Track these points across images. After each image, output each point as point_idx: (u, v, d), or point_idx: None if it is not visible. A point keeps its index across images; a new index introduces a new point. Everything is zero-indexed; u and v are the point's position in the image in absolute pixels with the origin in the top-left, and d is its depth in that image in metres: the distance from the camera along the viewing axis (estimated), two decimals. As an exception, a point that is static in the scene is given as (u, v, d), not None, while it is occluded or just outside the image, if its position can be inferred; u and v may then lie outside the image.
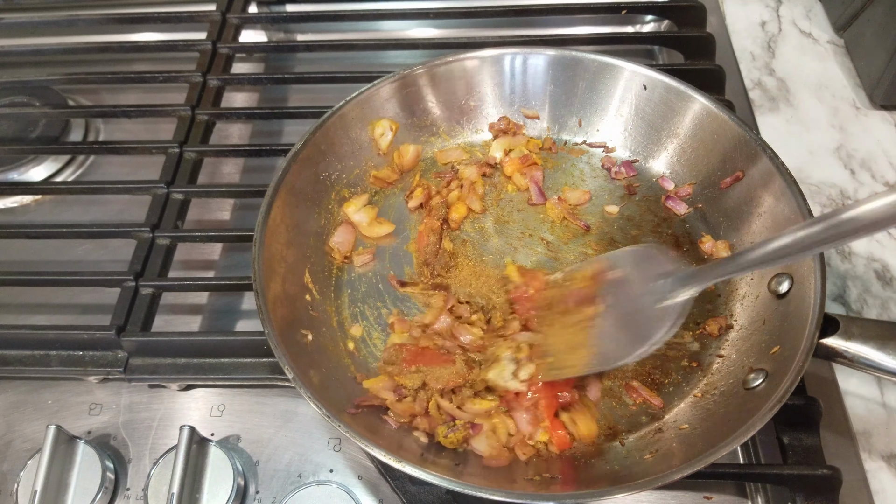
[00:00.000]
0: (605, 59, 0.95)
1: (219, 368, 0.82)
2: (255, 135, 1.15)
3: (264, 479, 0.78)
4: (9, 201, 1.07)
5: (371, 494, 0.77)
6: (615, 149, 0.99)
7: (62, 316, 0.93)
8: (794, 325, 0.73)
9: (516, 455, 0.73)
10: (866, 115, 1.10)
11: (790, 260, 0.66)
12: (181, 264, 0.95)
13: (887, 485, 0.76)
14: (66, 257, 0.99)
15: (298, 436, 0.81)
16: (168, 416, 0.83)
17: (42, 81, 1.16)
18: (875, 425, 0.80)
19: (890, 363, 0.68)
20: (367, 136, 0.96)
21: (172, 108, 1.05)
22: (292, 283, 0.83)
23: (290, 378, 0.69)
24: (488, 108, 1.01)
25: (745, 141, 0.86)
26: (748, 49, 1.20)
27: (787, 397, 0.66)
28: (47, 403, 0.84)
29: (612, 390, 0.79)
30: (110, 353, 0.83)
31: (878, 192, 0.64)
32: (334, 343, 0.83)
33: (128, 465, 0.79)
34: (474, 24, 1.26)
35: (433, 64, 0.96)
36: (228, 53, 1.15)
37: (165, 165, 0.98)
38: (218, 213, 1.04)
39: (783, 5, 1.26)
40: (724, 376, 0.77)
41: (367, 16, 1.20)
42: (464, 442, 0.74)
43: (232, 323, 0.93)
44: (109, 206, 1.04)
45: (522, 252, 0.91)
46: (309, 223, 0.89)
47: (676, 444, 0.72)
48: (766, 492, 0.76)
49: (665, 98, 0.93)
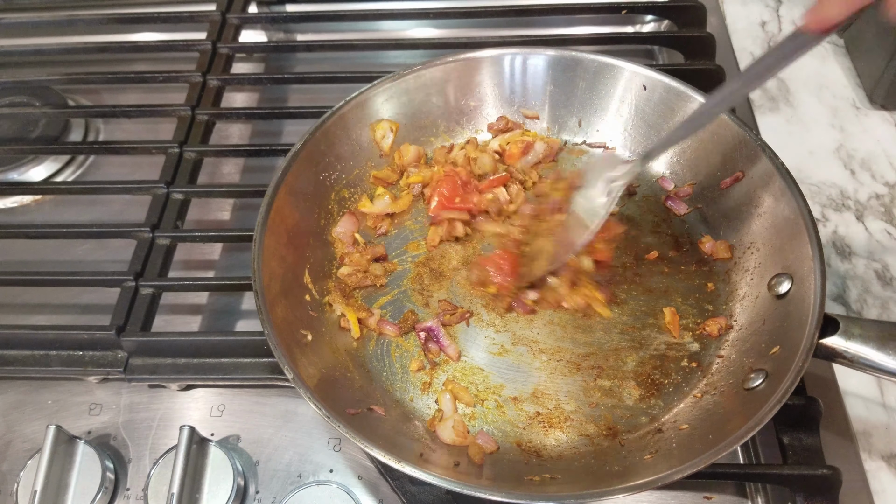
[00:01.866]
0: (604, 60, 0.95)
1: (219, 368, 0.82)
2: (255, 135, 1.15)
3: (264, 479, 0.78)
4: (9, 201, 1.07)
5: (371, 494, 0.77)
6: (615, 149, 0.99)
7: (62, 316, 0.93)
8: (793, 325, 0.73)
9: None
10: (866, 115, 1.10)
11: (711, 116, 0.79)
12: (181, 264, 0.95)
13: (887, 485, 0.76)
14: (66, 257, 0.99)
15: (298, 436, 0.81)
16: (168, 416, 0.83)
17: (42, 81, 1.16)
18: (875, 425, 0.80)
19: (890, 363, 0.68)
20: (367, 137, 0.96)
21: (172, 108, 1.05)
22: (292, 283, 0.83)
23: (290, 378, 0.69)
24: (488, 108, 1.01)
25: (745, 141, 0.86)
26: (748, 49, 1.20)
27: (786, 397, 0.66)
28: (47, 403, 0.84)
29: (611, 390, 0.79)
30: (110, 353, 0.83)
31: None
32: (334, 343, 0.83)
33: (128, 465, 0.79)
34: (474, 24, 1.26)
35: (433, 64, 0.96)
36: (228, 53, 1.15)
37: (165, 165, 0.98)
38: (218, 213, 1.04)
39: (783, 5, 1.26)
40: (724, 376, 0.78)
41: (367, 16, 1.20)
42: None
43: (232, 323, 0.93)
44: (109, 206, 1.04)
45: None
46: (309, 223, 0.89)
47: (676, 444, 0.72)
48: (766, 492, 0.76)
49: (665, 98, 0.93)
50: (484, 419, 0.78)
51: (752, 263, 0.84)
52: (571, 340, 0.84)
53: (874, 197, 1.00)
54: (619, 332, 0.84)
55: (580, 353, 0.83)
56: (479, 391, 0.80)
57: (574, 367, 0.81)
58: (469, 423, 0.78)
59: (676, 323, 0.83)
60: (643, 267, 0.89)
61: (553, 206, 0.88)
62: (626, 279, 0.88)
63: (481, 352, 0.83)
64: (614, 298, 0.86)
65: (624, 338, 0.83)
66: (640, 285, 0.87)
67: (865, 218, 0.98)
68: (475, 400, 0.79)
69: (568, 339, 0.84)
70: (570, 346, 0.83)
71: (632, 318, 0.85)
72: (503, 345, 0.84)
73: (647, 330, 0.84)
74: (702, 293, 0.86)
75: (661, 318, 0.84)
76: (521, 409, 0.79)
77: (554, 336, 0.84)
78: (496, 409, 0.79)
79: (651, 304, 0.86)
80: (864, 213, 0.99)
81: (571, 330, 0.85)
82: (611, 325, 0.85)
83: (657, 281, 0.87)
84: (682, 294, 0.86)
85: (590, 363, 0.82)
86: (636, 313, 0.85)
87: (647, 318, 0.85)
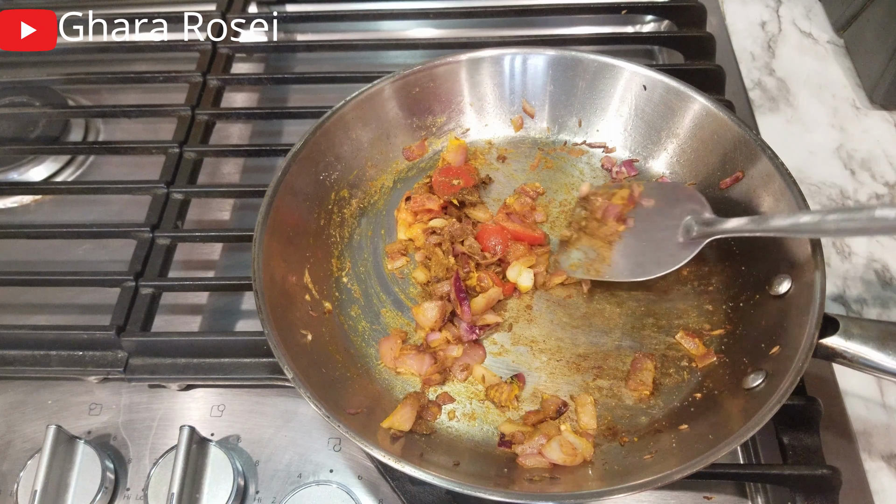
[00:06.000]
0: (604, 60, 0.95)
1: (219, 368, 0.82)
2: (255, 135, 1.15)
3: (264, 479, 0.78)
4: (9, 201, 1.07)
5: (371, 494, 0.77)
6: (615, 149, 0.99)
7: (62, 316, 0.93)
8: (793, 325, 0.73)
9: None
10: (866, 115, 1.10)
11: (809, 235, 0.74)
12: (181, 264, 0.95)
13: (887, 485, 0.76)
14: (66, 257, 0.99)
15: (298, 436, 0.81)
16: (168, 416, 0.83)
17: (42, 81, 1.16)
18: (875, 425, 0.80)
19: (890, 363, 0.68)
20: (367, 137, 0.95)
21: (172, 108, 1.05)
22: (292, 283, 0.83)
23: (290, 378, 0.69)
24: (488, 107, 1.01)
25: (745, 141, 0.86)
26: (748, 49, 1.20)
27: (786, 397, 0.66)
28: (47, 403, 0.84)
29: (611, 390, 0.79)
30: (110, 353, 0.83)
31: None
32: (334, 343, 0.83)
33: (128, 465, 0.79)
34: (474, 24, 1.26)
35: (433, 64, 0.96)
36: (228, 53, 1.15)
37: (165, 165, 0.98)
38: (218, 213, 1.04)
39: (783, 5, 1.26)
40: (724, 376, 0.77)
41: (367, 16, 1.20)
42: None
43: (232, 323, 0.93)
44: (109, 206, 1.04)
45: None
46: (309, 223, 0.89)
47: (676, 444, 0.72)
48: (766, 492, 0.76)
49: (665, 98, 0.93)
50: (484, 418, 0.78)
51: (752, 263, 0.84)
52: (571, 340, 0.84)
53: (874, 197, 1.00)
54: (619, 332, 0.84)
55: (580, 353, 0.83)
56: (478, 391, 0.80)
57: (574, 367, 0.81)
58: (469, 422, 0.78)
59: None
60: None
61: (614, 212, 0.89)
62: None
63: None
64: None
65: (624, 338, 0.83)
66: (639, 285, 0.87)
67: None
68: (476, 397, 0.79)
69: (568, 339, 0.84)
70: (570, 347, 0.83)
71: (632, 318, 0.85)
72: (503, 345, 0.84)
73: (647, 330, 0.84)
74: (702, 293, 0.86)
75: (660, 319, 0.85)
76: (521, 408, 0.79)
77: (554, 336, 0.84)
78: (496, 409, 0.79)
79: (651, 304, 0.86)
80: (864, 213, 0.98)
81: (571, 330, 0.85)
82: (611, 325, 0.85)
83: (657, 281, 0.87)
84: (682, 294, 0.86)
85: (590, 363, 0.82)
86: (636, 313, 0.85)
87: (646, 318, 0.85)
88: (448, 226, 0.89)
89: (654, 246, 0.86)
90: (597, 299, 0.87)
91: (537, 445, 0.73)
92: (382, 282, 0.90)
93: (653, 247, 0.86)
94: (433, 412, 0.78)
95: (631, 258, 0.87)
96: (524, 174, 0.99)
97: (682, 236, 0.84)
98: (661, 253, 0.85)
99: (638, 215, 0.89)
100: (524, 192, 0.95)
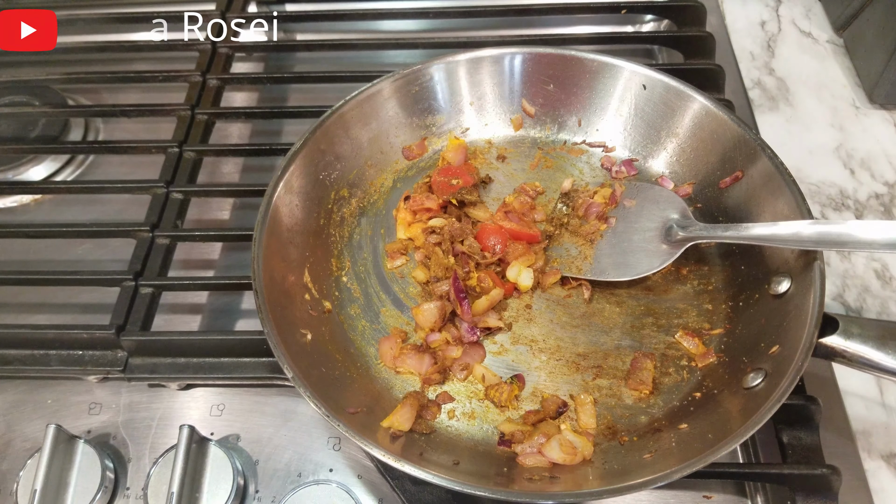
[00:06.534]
0: (604, 59, 0.95)
1: (218, 368, 0.82)
2: (255, 134, 1.15)
3: (264, 479, 0.78)
4: (9, 201, 1.07)
5: (371, 494, 0.77)
6: (615, 148, 0.99)
7: (62, 316, 0.93)
8: (793, 324, 0.73)
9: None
10: (866, 114, 1.10)
11: (783, 245, 0.76)
12: (181, 264, 0.95)
13: (887, 484, 0.76)
14: (66, 257, 0.99)
15: (298, 435, 0.81)
16: (168, 416, 0.83)
17: (42, 81, 1.16)
18: (874, 425, 0.80)
19: (889, 363, 0.68)
20: (366, 136, 0.95)
21: (172, 107, 1.05)
22: (292, 282, 0.83)
23: (290, 378, 0.69)
24: (488, 107, 1.01)
25: (745, 140, 0.86)
26: (748, 49, 1.20)
27: (786, 397, 0.66)
28: (47, 403, 0.84)
29: (611, 389, 0.79)
30: (110, 352, 0.84)
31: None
32: (334, 342, 0.83)
33: (127, 464, 0.79)
34: (474, 24, 1.26)
35: (433, 64, 0.96)
36: (228, 53, 1.15)
37: (165, 165, 0.98)
38: (217, 212, 1.04)
39: (783, 5, 1.26)
40: (724, 376, 0.77)
41: (367, 16, 1.20)
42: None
43: (232, 322, 0.93)
44: (109, 206, 1.04)
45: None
46: (309, 222, 0.89)
47: (676, 443, 0.72)
48: (765, 491, 0.76)
49: (664, 98, 0.93)
50: (484, 418, 0.78)
51: (751, 263, 0.84)
52: (571, 340, 0.84)
53: (874, 196, 1.00)
54: (618, 332, 0.84)
55: (580, 353, 0.83)
56: (478, 390, 0.80)
57: (573, 367, 0.81)
58: (469, 421, 0.78)
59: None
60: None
61: (596, 211, 0.91)
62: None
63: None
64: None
65: (623, 337, 0.84)
66: (639, 285, 0.87)
67: (865, 217, 0.98)
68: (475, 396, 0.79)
69: (568, 338, 0.84)
70: (569, 346, 0.83)
71: (631, 318, 0.85)
72: (503, 344, 0.84)
73: (647, 329, 0.84)
74: (701, 292, 0.86)
75: (660, 318, 0.85)
76: (520, 407, 0.79)
77: (553, 335, 0.84)
78: (496, 408, 0.79)
79: (650, 303, 0.86)
80: (864, 212, 0.99)
81: (571, 329, 0.85)
82: (610, 325, 0.85)
83: (657, 281, 0.87)
84: (681, 294, 0.86)
85: (589, 362, 0.82)
86: (636, 312, 0.85)
87: (646, 318, 0.85)
88: (447, 225, 0.89)
89: (635, 247, 0.87)
90: (596, 299, 0.87)
91: (537, 445, 0.73)
92: (382, 281, 0.90)
93: (634, 248, 0.87)
94: (433, 411, 0.78)
95: (612, 258, 0.87)
96: (524, 173, 0.99)
97: (664, 240, 0.85)
98: (641, 255, 0.86)
99: (620, 215, 0.90)
100: (524, 192, 0.95)
